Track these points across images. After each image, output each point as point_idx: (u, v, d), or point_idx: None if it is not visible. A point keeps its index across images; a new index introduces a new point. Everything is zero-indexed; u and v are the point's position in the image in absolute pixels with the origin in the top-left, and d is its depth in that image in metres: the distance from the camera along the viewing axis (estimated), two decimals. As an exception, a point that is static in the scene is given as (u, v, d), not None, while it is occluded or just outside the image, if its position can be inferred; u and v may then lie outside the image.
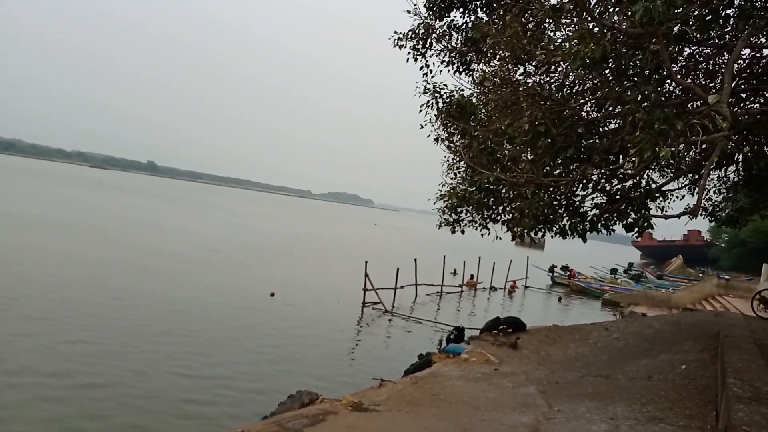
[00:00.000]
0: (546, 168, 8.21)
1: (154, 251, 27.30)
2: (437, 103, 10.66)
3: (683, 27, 6.75)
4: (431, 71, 10.86)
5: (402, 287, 23.35)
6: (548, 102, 8.16)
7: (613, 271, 47.44)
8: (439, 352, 12.67)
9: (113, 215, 42.75)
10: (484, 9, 10.14)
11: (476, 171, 8.99)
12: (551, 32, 8.27)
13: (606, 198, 9.54)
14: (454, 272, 31.13)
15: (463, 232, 10.83)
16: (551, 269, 40.75)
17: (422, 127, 10.87)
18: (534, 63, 8.75)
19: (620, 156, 8.64)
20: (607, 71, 7.18)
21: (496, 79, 9.03)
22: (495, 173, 8.60)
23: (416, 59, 10.84)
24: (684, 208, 8.93)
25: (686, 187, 10.93)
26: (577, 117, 8.42)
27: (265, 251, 35.66)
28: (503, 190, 9.54)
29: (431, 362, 11.54)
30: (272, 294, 20.69)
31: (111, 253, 24.27)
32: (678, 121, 5.80)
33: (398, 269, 22.95)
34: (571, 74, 8.46)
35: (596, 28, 6.73)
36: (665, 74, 6.63)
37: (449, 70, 10.92)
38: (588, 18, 7.04)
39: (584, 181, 9.18)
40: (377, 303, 21.03)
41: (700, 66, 9.27)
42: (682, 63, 8.91)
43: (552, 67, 8.68)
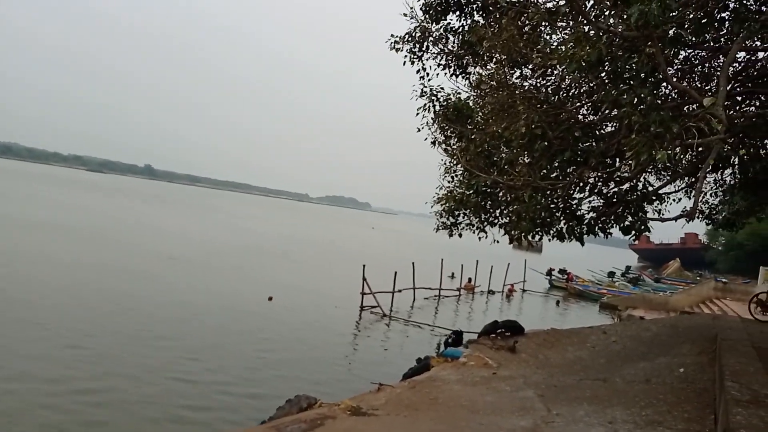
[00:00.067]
0: (543, 171, 8.23)
1: (151, 255, 27.23)
2: (434, 107, 10.67)
3: (678, 30, 6.77)
4: (428, 74, 10.87)
5: (400, 291, 23.29)
6: (545, 105, 8.17)
7: (611, 275, 47.42)
8: (438, 356, 12.66)
9: (110, 218, 42.67)
10: (481, 12, 10.16)
11: (473, 174, 9.00)
12: (547, 35, 8.29)
13: (603, 201, 9.56)
14: (452, 276, 31.09)
15: (461, 236, 10.82)
16: (549, 272, 40.71)
17: (419, 131, 10.88)
18: (530, 66, 8.77)
19: (617, 159, 8.66)
20: (603, 74, 7.19)
21: (493, 83, 9.04)
22: (492, 176, 8.61)
23: (413, 62, 10.85)
24: (681, 211, 8.96)
25: (683, 190, 10.97)
26: (574, 120, 8.44)
27: (263, 254, 35.61)
28: (500, 194, 9.55)
29: (429, 366, 11.53)
30: (270, 298, 20.64)
31: (108, 257, 24.20)
32: (674, 124, 5.81)
33: (396, 273, 22.91)
34: (567, 77, 8.47)
35: (592, 32, 6.75)
36: (661, 77, 6.65)
37: (446, 74, 10.93)
38: (584, 21, 7.06)
39: (581, 184, 9.20)
40: (375, 307, 20.98)
41: (696, 69, 9.29)
42: (678, 66, 8.93)
43: (548, 71, 8.68)
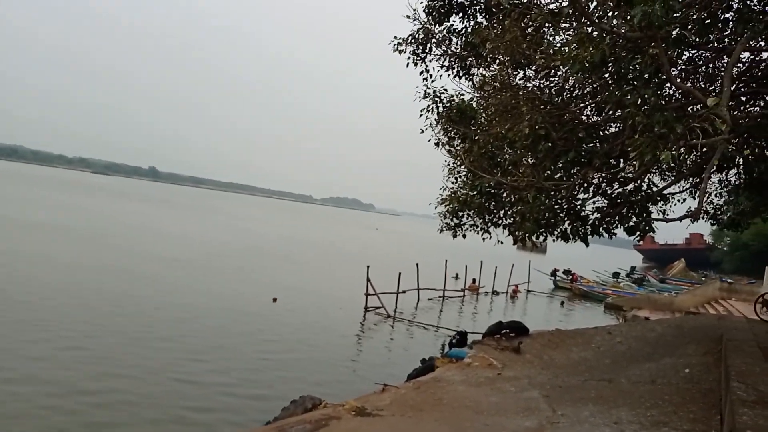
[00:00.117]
0: (547, 172, 8.22)
1: (155, 257, 27.30)
2: (437, 108, 10.69)
3: (682, 31, 6.78)
4: (431, 76, 10.89)
5: (404, 292, 23.30)
6: (548, 106, 8.17)
7: (616, 275, 47.32)
8: (442, 357, 12.66)
9: (114, 221, 42.76)
10: (484, 14, 10.17)
11: (477, 175, 9.01)
12: (550, 36, 8.28)
13: (607, 201, 9.54)
14: (456, 276, 31.09)
15: (465, 237, 10.83)
16: (553, 273, 40.65)
17: (423, 132, 10.89)
18: (533, 67, 8.77)
19: (621, 160, 8.65)
20: (607, 75, 7.19)
21: (496, 84, 9.05)
22: (496, 177, 8.62)
23: (416, 64, 10.86)
24: (685, 212, 8.95)
25: (687, 191, 10.94)
26: (578, 121, 8.44)
27: (266, 256, 35.66)
28: (504, 194, 9.55)
29: (434, 367, 11.53)
30: (274, 299, 20.67)
31: (111, 259, 24.26)
32: (678, 125, 5.81)
33: (400, 274, 22.91)
34: (571, 78, 8.47)
35: (595, 33, 6.75)
36: (664, 78, 6.64)
37: (449, 75, 10.95)
38: (587, 22, 7.06)
39: (585, 185, 9.18)
40: (379, 308, 20.99)
41: (700, 69, 9.28)
42: (682, 67, 8.93)
43: (551, 72, 8.69)
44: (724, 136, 5.35)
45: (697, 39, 7.54)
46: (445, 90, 10.81)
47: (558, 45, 7.97)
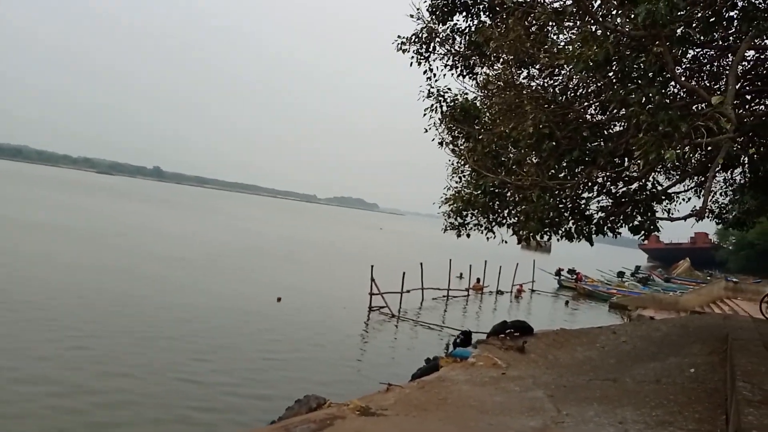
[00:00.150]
0: (551, 171, 8.21)
1: (160, 256, 27.36)
2: (441, 107, 10.68)
3: (686, 29, 6.75)
4: (435, 75, 10.89)
5: (408, 291, 23.30)
6: (552, 105, 8.16)
7: (620, 275, 47.20)
8: (446, 357, 12.65)
9: (114, 221, 42.79)
10: (487, 13, 10.17)
11: (481, 174, 9.00)
12: (554, 35, 8.28)
13: (612, 201, 9.53)
14: (461, 276, 31.05)
15: (469, 236, 10.82)
16: (558, 273, 40.57)
17: (426, 131, 10.88)
18: (537, 66, 8.76)
19: (625, 158, 8.64)
20: (611, 74, 7.18)
21: (500, 83, 9.04)
22: (500, 176, 8.61)
23: (419, 63, 10.86)
24: (690, 211, 8.91)
25: (692, 190, 10.91)
26: (582, 120, 8.43)
27: (270, 255, 35.68)
28: (508, 194, 9.54)
29: (438, 366, 11.53)
30: (279, 299, 20.70)
31: (112, 259, 24.28)
32: (682, 124, 5.79)
33: (404, 273, 22.91)
34: (575, 77, 8.46)
35: (599, 31, 6.74)
36: (669, 76, 6.63)
37: (453, 74, 10.94)
38: (591, 21, 7.05)
39: (589, 184, 9.18)
40: (383, 307, 20.99)
41: (704, 68, 9.25)
42: (686, 65, 8.90)
43: (555, 70, 8.68)
44: (729, 135, 5.33)
45: (702, 37, 7.51)
46: (449, 89, 10.82)
47: (562, 44, 7.97)
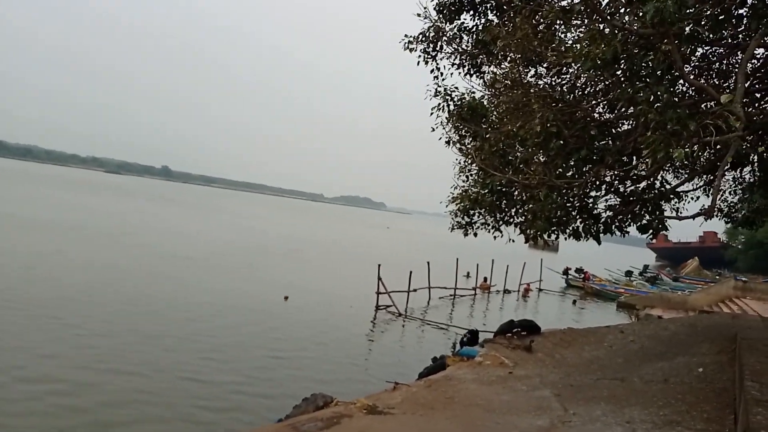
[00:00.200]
0: (558, 170, 8.19)
1: (166, 255, 27.48)
2: (448, 106, 10.67)
3: (695, 27, 6.72)
4: (442, 74, 10.89)
5: (415, 290, 23.31)
6: (560, 103, 8.14)
7: (628, 274, 46.99)
8: (453, 355, 12.65)
9: (125, 219, 43.01)
10: (495, 11, 10.16)
11: (488, 173, 9.00)
12: (562, 34, 8.25)
13: (620, 199, 9.49)
14: (468, 275, 31.03)
15: (476, 235, 10.81)
16: (565, 272, 40.42)
17: (433, 130, 10.88)
18: (545, 65, 8.74)
19: (633, 157, 8.60)
20: (619, 72, 7.15)
21: (507, 81, 9.02)
22: (507, 175, 8.60)
23: (427, 62, 10.87)
24: (699, 210, 8.86)
25: (701, 188, 10.85)
26: (590, 118, 8.40)
27: (276, 254, 35.76)
28: (515, 193, 9.52)
29: (445, 365, 11.52)
30: (286, 297, 20.75)
31: (121, 258, 24.39)
32: (691, 122, 5.77)
33: (411, 272, 22.90)
34: (583, 75, 8.43)
35: (607, 29, 6.72)
36: (677, 75, 6.60)
37: (460, 73, 10.95)
38: (599, 19, 7.03)
39: (597, 183, 9.14)
40: (390, 306, 21.02)
41: (713, 66, 9.19)
42: (695, 63, 8.85)
43: (563, 69, 8.65)
44: (738, 133, 5.31)
45: (711, 35, 7.47)
46: (456, 88, 10.81)
47: (569, 42, 7.94)
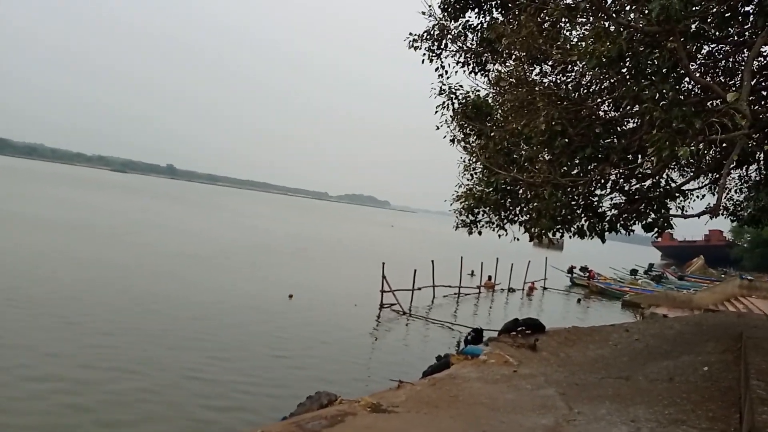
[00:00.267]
0: (563, 168, 8.17)
1: (171, 253, 27.53)
2: (453, 104, 10.66)
3: (701, 24, 6.69)
4: (447, 72, 10.87)
5: (419, 289, 23.30)
6: (565, 102, 8.12)
7: (633, 272, 46.86)
8: (458, 354, 12.65)
9: (129, 218, 43.11)
10: (499, 9, 10.13)
11: (493, 172, 8.98)
12: (567, 31, 8.23)
13: (625, 198, 9.47)
14: (472, 273, 31.01)
15: (480, 233, 10.79)
16: (570, 270, 40.35)
17: (438, 129, 10.87)
18: (550, 63, 8.72)
19: (639, 155, 8.57)
20: (624, 70, 7.14)
21: (512, 79, 9.01)
22: (512, 174, 8.58)
23: (431, 60, 10.86)
24: (704, 208, 8.83)
25: (706, 187, 10.80)
26: (595, 116, 8.38)
27: (281, 253, 35.79)
28: (520, 191, 9.51)
29: (449, 364, 11.52)
30: (290, 296, 20.78)
31: (126, 256, 24.43)
32: (696, 120, 5.75)
33: (415, 271, 22.91)
34: (588, 73, 8.41)
35: (612, 27, 6.70)
36: (683, 72, 6.57)
37: (465, 71, 10.93)
38: (604, 17, 7.01)
39: (602, 181, 9.12)
40: (394, 304, 21.03)
41: (719, 64, 9.15)
42: (701, 61, 8.81)
43: (568, 67, 8.63)
44: (744, 131, 5.28)
45: (717, 33, 7.43)
46: (461, 86, 10.79)
47: (575, 40, 7.92)
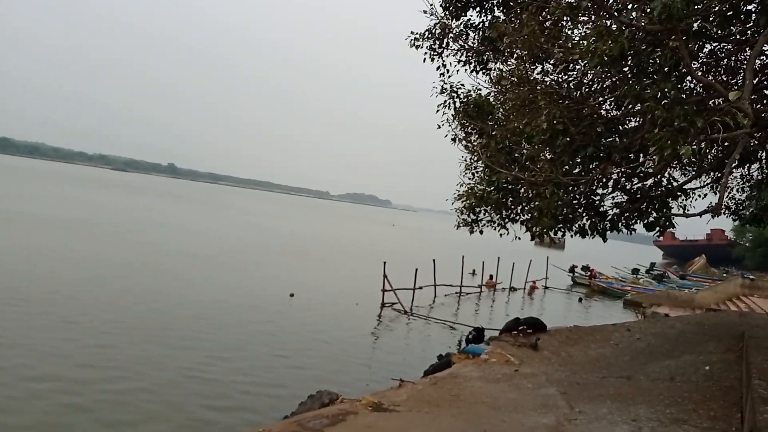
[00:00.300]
0: (565, 167, 8.16)
1: (173, 252, 27.56)
2: (454, 103, 10.65)
3: (703, 23, 6.67)
4: (448, 71, 10.85)
5: (421, 288, 23.32)
6: (566, 100, 8.11)
7: (635, 271, 46.85)
8: (459, 353, 12.64)
9: (131, 217, 43.15)
10: (501, 8, 10.11)
11: (494, 171, 8.97)
12: (569, 30, 8.21)
13: (626, 197, 9.45)
14: (473, 272, 31.00)
15: (482, 233, 10.78)
16: (572, 269, 40.33)
17: (439, 127, 10.86)
18: (552, 61, 8.70)
19: (640, 154, 8.55)
20: (626, 69, 7.12)
21: (514, 78, 9.00)
22: (513, 173, 8.57)
23: (433, 59, 10.84)
24: (706, 207, 8.81)
25: (708, 186, 10.77)
26: (596, 115, 8.37)
27: (283, 252, 35.81)
28: (522, 190, 9.50)
29: (451, 363, 11.52)
30: (291, 294, 20.78)
31: (128, 255, 24.47)
32: (698, 119, 5.74)
33: (417, 270, 22.92)
34: (590, 72, 8.40)
35: (614, 26, 6.68)
36: (685, 71, 6.56)
37: (466, 70, 10.91)
38: (605, 15, 6.99)
39: (604, 180, 9.10)
40: (396, 303, 21.04)
41: (721, 62, 9.13)
42: (703, 60, 8.79)
43: (570, 66, 8.62)
44: (746, 130, 5.27)
45: (719, 31, 7.41)
46: (462, 85, 10.78)
47: (576, 39, 7.90)
